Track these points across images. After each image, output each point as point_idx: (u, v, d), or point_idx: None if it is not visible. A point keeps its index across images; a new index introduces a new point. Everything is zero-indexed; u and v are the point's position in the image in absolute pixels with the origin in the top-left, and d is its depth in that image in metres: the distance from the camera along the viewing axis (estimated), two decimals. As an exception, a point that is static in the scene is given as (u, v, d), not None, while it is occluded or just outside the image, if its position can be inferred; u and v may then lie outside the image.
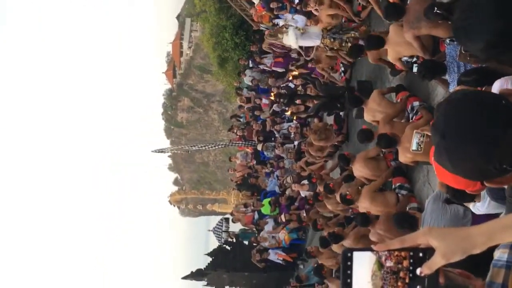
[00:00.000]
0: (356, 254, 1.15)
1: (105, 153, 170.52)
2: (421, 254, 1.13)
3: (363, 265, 1.14)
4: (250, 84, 14.68)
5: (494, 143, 1.12)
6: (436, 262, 1.13)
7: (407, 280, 1.13)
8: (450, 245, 1.13)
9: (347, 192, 6.62)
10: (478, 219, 4.41)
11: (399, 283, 1.13)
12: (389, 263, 1.13)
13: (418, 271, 1.13)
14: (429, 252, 1.13)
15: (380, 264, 1.13)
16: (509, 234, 1.17)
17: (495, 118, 1.14)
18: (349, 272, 1.15)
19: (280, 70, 13.02)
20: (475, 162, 1.17)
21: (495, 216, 4.30)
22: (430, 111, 5.47)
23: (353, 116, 8.44)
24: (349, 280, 1.14)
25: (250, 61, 14.83)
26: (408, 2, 5.49)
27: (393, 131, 5.62)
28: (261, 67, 14.03)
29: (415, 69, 5.43)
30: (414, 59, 5.80)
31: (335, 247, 7.28)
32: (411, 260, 1.13)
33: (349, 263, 1.15)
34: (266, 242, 13.18)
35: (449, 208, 4.59)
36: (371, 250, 1.14)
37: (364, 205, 6.16)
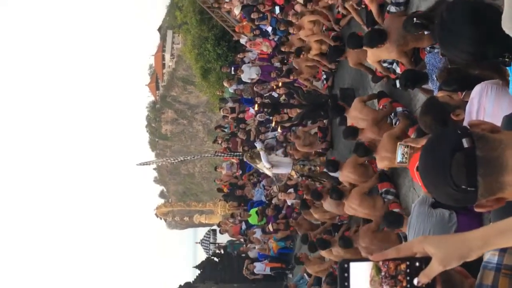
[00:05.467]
0: (353, 265, 1.14)
1: (90, 168, 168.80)
2: (417, 264, 1.13)
3: (361, 273, 1.14)
4: (250, 80, 13.22)
5: (444, 166, 1.19)
6: (434, 269, 1.13)
7: (404, 284, 1.12)
8: (447, 251, 1.14)
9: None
10: (463, 223, 4.46)
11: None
12: (387, 267, 1.13)
13: (415, 281, 1.12)
14: (425, 261, 1.13)
15: (378, 269, 1.13)
16: (506, 239, 1.18)
17: (444, 145, 1.23)
18: (346, 284, 1.14)
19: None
20: (438, 187, 1.24)
21: (476, 219, 4.35)
22: (409, 117, 5.54)
23: (337, 123, 8.52)
24: None
25: (232, 68, 14.78)
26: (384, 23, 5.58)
27: (381, 133, 5.67)
28: (246, 60, 13.76)
29: (398, 85, 5.48)
30: (394, 64, 5.88)
31: (323, 252, 7.31)
32: (408, 270, 1.12)
33: (346, 274, 1.14)
34: (258, 244, 13.14)
35: (434, 212, 4.63)
36: (368, 260, 1.14)
37: (353, 205, 6.20)
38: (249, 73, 12.92)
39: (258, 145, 10.04)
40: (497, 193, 1.22)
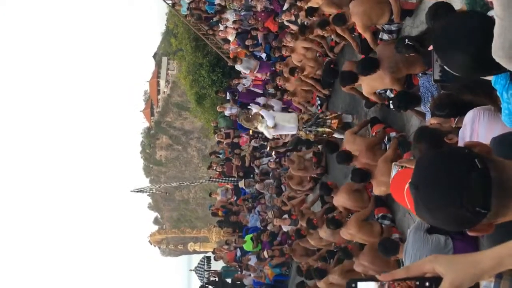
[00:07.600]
0: (360, 285, 1.12)
1: (84, 195, 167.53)
2: (427, 284, 1.10)
3: None
4: (247, 69, 12.48)
5: (461, 186, 1.13)
6: None
7: None
8: (458, 272, 1.10)
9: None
10: (459, 249, 4.43)
11: None
12: None
13: None
14: (435, 281, 1.10)
15: None
16: None
17: (458, 163, 1.17)
18: None
19: (259, 91, 12.97)
20: (448, 208, 1.17)
21: (472, 244, 4.32)
22: (403, 142, 5.57)
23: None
24: None
25: (227, 93, 14.82)
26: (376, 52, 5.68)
27: (376, 158, 5.69)
28: (239, 88, 13.72)
29: (391, 106, 5.55)
30: (388, 91, 5.93)
31: (321, 284, 7.20)
32: None
33: None
34: (254, 272, 12.98)
35: (430, 238, 4.61)
36: (376, 280, 1.11)
37: (350, 231, 6.15)
38: (248, 62, 12.36)
39: (255, 107, 8.86)
40: (501, 216, 1.18)
